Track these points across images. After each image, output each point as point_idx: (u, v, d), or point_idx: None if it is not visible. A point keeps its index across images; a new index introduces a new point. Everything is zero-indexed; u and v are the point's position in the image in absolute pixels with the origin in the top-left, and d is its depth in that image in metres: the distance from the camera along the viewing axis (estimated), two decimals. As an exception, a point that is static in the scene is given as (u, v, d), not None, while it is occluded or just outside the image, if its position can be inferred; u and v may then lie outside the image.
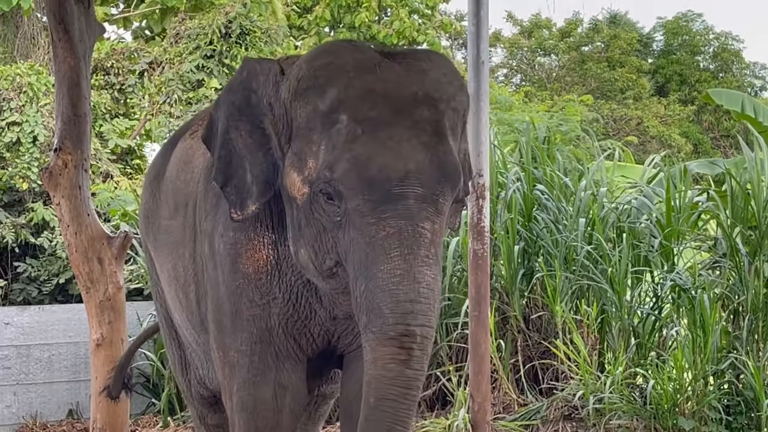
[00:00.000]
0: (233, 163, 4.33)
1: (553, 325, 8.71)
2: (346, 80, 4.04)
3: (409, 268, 3.88)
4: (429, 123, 4.03)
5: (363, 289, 3.93)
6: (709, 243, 9.37)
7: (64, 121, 6.50)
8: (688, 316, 8.47)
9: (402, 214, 3.91)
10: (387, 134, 3.96)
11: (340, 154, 3.96)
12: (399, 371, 3.87)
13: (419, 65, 4.16)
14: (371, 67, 4.08)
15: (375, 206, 3.91)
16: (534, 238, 9.15)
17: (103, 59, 14.38)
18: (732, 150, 27.70)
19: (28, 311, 10.63)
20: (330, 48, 4.30)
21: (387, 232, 3.90)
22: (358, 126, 3.97)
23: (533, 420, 8.40)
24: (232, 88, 4.37)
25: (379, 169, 3.91)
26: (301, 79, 4.13)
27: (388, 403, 3.89)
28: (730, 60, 34.38)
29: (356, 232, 3.95)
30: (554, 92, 30.32)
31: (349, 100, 4.01)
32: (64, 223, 6.57)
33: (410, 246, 3.89)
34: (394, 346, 3.86)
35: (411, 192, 3.92)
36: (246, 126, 4.30)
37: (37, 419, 10.33)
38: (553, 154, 9.84)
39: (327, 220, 4.04)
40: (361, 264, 3.94)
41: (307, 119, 4.10)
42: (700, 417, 7.98)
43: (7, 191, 12.42)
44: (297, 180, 4.12)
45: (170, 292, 5.37)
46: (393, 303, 3.86)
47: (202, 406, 5.72)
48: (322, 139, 4.03)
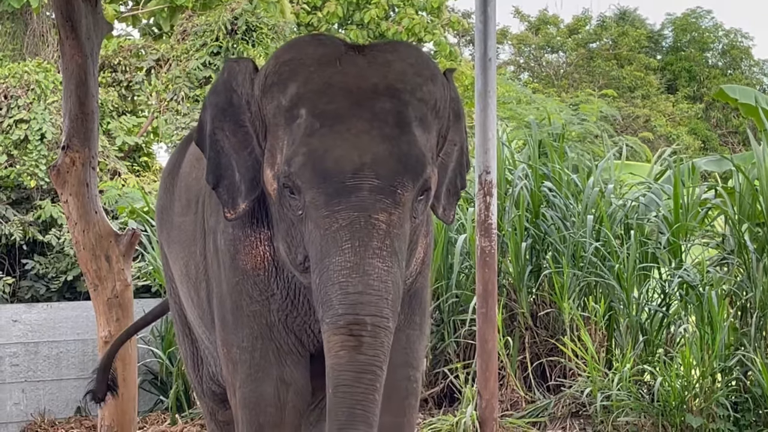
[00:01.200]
0: (222, 164, 4.33)
1: (560, 322, 8.71)
2: (306, 75, 4.04)
3: (359, 261, 3.85)
4: (390, 114, 3.98)
5: (318, 282, 3.92)
6: (717, 240, 9.37)
7: (72, 119, 6.50)
8: (696, 312, 8.46)
9: (355, 206, 3.87)
10: (345, 127, 3.93)
11: (297, 148, 3.95)
12: (350, 357, 3.85)
13: (384, 57, 4.13)
14: (332, 60, 4.06)
15: (329, 199, 3.88)
16: (542, 234, 9.15)
17: (110, 56, 14.40)
18: (740, 147, 27.64)
19: (36, 308, 10.64)
20: (294, 43, 4.30)
21: (339, 224, 3.87)
22: (316, 120, 3.94)
23: (541, 417, 8.40)
24: (216, 90, 4.37)
25: (335, 161, 3.88)
26: (268, 75, 4.14)
27: (342, 389, 3.87)
28: (739, 57, 34.28)
29: (312, 225, 3.94)
30: (562, 89, 30.29)
31: (307, 94, 4.00)
32: (72, 221, 6.58)
33: (361, 238, 3.86)
34: (344, 334, 3.84)
35: (366, 184, 3.88)
36: (230, 126, 4.30)
37: (45, 416, 10.34)
38: (563, 151, 9.82)
39: (292, 215, 4.04)
40: (316, 256, 3.93)
41: (273, 115, 4.10)
42: (708, 414, 7.98)
43: (15, 189, 12.44)
44: (269, 175, 4.14)
45: (183, 289, 5.38)
46: (342, 295, 3.84)
47: (213, 403, 5.72)
48: (285, 135, 4.03)
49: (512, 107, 13.17)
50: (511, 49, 35.06)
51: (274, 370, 4.58)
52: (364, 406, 3.91)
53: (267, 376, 4.58)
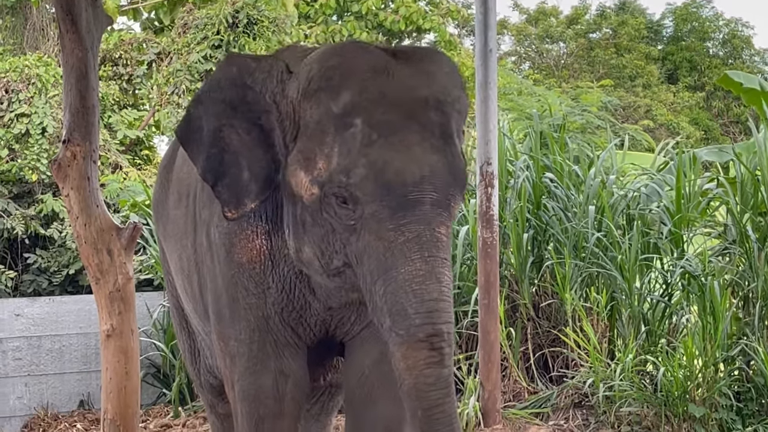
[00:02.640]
0: (225, 162, 4.29)
1: (562, 313, 8.71)
2: (360, 83, 4.02)
3: (431, 269, 3.89)
4: (437, 126, 4.03)
5: (383, 292, 3.92)
6: (719, 229, 9.37)
7: (73, 113, 6.49)
8: (698, 302, 8.46)
9: (420, 219, 3.91)
10: (399, 138, 3.95)
11: (355, 159, 3.94)
12: (437, 374, 3.87)
13: (427, 68, 4.15)
14: (383, 69, 4.06)
15: (393, 212, 3.91)
16: (543, 225, 9.14)
17: (111, 50, 14.38)
18: (742, 136, 27.64)
19: (39, 302, 10.64)
20: (340, 49, 4.28)
21: (406, 237, 3.90)
22: (373, 130, 3.95)
23: (543, 408, 8.40)
24: (221, 85, 4.31)
25: (395, 174, 3.91)
26: (312, 79, 4.10)
27: (438, 410, 3.89)
28: (739, 46, 34.30)
29: (372, 237, 3.95)
30: (562, 79, 30.28)
31: (363, 103, 3.99)
32: (73, 215, 6.56)
33: (430, 249, 3.91)
34: (426, 349, 3.85)
35: (427, 197, 3.93)
36: (242, 124, 4.26)
37: (49, 410, 10.34)
38: (564, 142, 9.82)
39: (338, 223, 4.03)
40: (379, 268, 3.93)
41: (318, 120, 4.06)
42: (711, 404, 7.98)
43: (17, 183, 12.43)
44: (304, 179, 4.10)
45: (178, 281, 5.39)
46: (418, 302, 3.86)
47: (211, 395, 5.73)
48: (335, 142, 4.00)
49: (513, 98, 13.14)
50: (511, 39, 35.06)
51: (272, 362, 4.60)
52: (455, 419, 3.95)
53: (265, 368, 4.60)
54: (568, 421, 8.29)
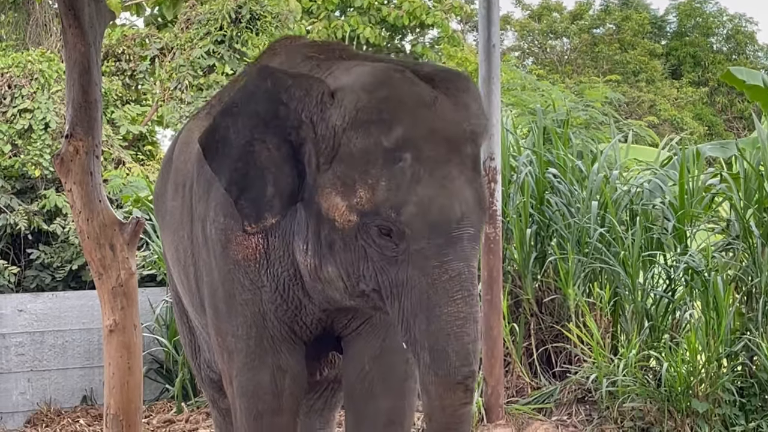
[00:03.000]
0: (251, 176, 4.24)
1: (566, 309, 8.70)
2: (411, 118, 4.05)
3: (470, 310, 4.01)
4: (471, 159, 4.13)
5: (424, 329, 4.00)
6: (722, 225, 9.35)
7: (75, 108, 6.48)
8: (702, 298, 8.45)
9: (460, 257, 4.02)
10: (442, 173, 4.02)
11: (405, 196, 3.98)
12: (467, 413, 4.05)
13: (463, 99, 4.20)
14: (430, 103, 4.10)
15: (439, 250, 3.99)
16: (546, 221, 9.13)
17: (114, 45, 14.39)
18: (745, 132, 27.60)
19: (42, 298, 10.65)
20: (387, 78, 4.20)
21: (449, 275, 3.99)
22: (421, 166, 4.00)
23: (546, 403, 8.40)
24: (255, 98, 4.25)
25: (440, 211, 3.98)
26: (361, 109, 4.08)
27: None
28: (743, 42, 34.24)
29: (416, 272, 4.00)
30: (566, 75, 30.26)
31: (413, 139, 4.02)
32: (76, 210, 6.56)
33: (467, 288, 4.02)
34: (461, 391, 3.99)
35: (465, 234, 4.02)
36: (273, 140, 4.21)
37: (51, 405, 10.36)
38: (567, 137, 9.81)
39: (376, 252, 4.06)
40: (422, 304, 4.00)
41: (364, 150, 4.05)
42: (714, 399, 7.98)
43: (20, 178, 12.44)
44: (341, 205, 4.08)
45: (175, 274, 5.39)
46: (459, 346, 3.98)
47: (212, 390, 5.73)
48: (381, 175, 4.01)
49: (516, 94, 13.13)
50: (514, 35, 35.03)
51: (269, 358, 4.60)
52: None
53: (263, 363, 4.61)
54: (571, 417, 8.29)
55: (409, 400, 4.81)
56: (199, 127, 5.02)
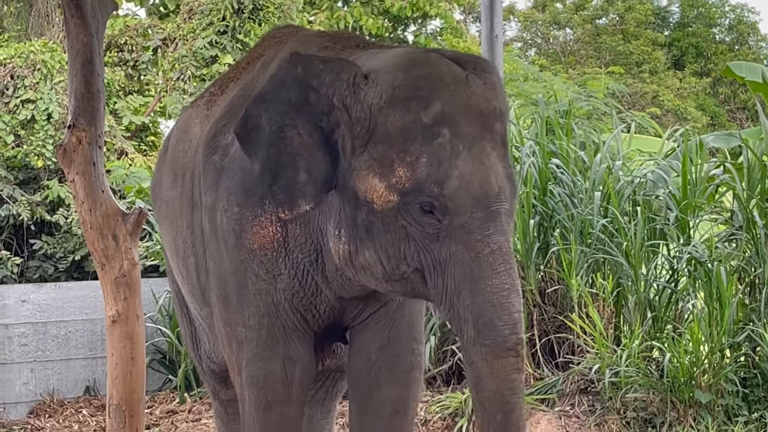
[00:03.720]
0: (282, 162, 4.24)
1: (568, 299, 8.69)
2: (448, 94, 4.09)
3: (513, 282, 4.03)
4: (500, 135, 4.18)
5: (469, 303, 4.01)
6: (726, 215, 9.34)
7: (78, 98, 6.48)
8: (705, 288, 8.45)
9: (500, 231, 4.05)
10: (479, 149, 4.07)
11: (448, 170, 4.02)
12: (518, 379, 4.03)
13: (491, 78, 4.25)
14: (464, 81, 4.15)
15: (481, 224, 4.02)
16: (549, 212, 9.13)
17: (116, 36, 14.38)
18: (748, 122, 27.61)
19: (45, 288, 10.65)
20: (424, 59, 4.25)
21: (491, 248, 4.02)
22: (459, 142, 4.04)
23: (549, 394, 8.40)
24: (285, 84, 4.25)
25: (480, 186, 4.03)
26: (398, 87, 4.10)
27: (516, 415, 4.06)
28: (746, 32, 34.25)
29: (460, 247, 4.03)
30: (569, 65, 30.25)
31: (452, 114, 4.06)
32: (79, 200, 6.56)
33: (509, 261, 4.05)
34: (512, 356, 4.00)
35: (503, 208, 4.07)
36: (305, 125, 4.22)
37: (54, 396, 10.37)
38: (570, 128, 9.80)
39: (417, 231, 4.08)
40: (466, 278, 4.03)
41: (402, 128, 4.07)
42: (717, 390, 7.97)
43: (23, 169, 12.44)
44: (379, 186, 4.09)
45: (174, 264, 5.38)
46: (506, 315, 3.99)
47: (214, 381, 5.72)
48: (421, 152, 4.04)
49: (519, 85, 13.14)
50: (517, 25, 35.02)
51: (281, 348, 4.59)
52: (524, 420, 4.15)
53: (274, 353, 4.59)
54: (573, 407, 8.29)
55: (414, 390, 4.82)
56: (198, 116, 5.02)
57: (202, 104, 5.21)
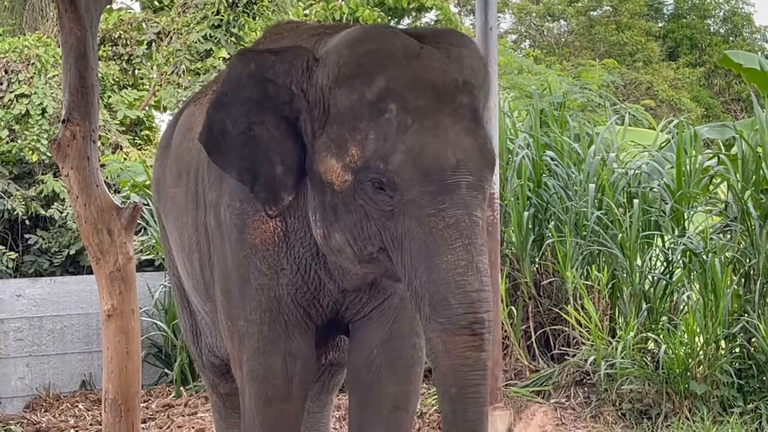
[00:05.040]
0: (258, 160, 4.26)
1: (564, 291, 8.71)
2: (394, 68, 4.02)
3: (471, 259, 3.89)
4: (468, 109, 4.05)
5: (425, 280, 3.92)
6: (720, 207, 9.36)
7: (72, 93, 6.46)
8: (700, 280, 8.46)
9: (458, 204, 3.92)
10: (434, 123, 3.96)
11: (393, 145, 3.94)
12: (476, 357, 3.89)
13: (456, 51, 4.14)
14: (414, 54, 4.06)
15: (433, 197, 3.91)
16: (544, 204, 9.14)
17: (110, 30, 14.35)
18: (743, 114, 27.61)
19: (40, 283, 10.64)
20: (372, 34, 4.22)
21: (446, 222, 3.90)
22: (408, 115, 3.95)
23: (545, 386, 8.41)
24: (242, 84, 4.26)
25: (432, 159, 3.91)
26: (343, 65, 4.07)
27: (471, 389, 3.92)
28: (740, 24, 34.24)
29: (414, 223, 3.94)
30: (563, 57, 30.24)
31: (397, 89, 3.98)
32: (73, 195, 6.54)
33: (469, 236, 3.91)
34: (467, 335, 3.87)
35: (464, 181, 3.93)
36: (271, 119, 4.23)
37: (50, 390, 10.36)
38: (564, 120, 9.80)
39: (374, 209, 4.02)
40: (421, 255, 3.93)
41: (350, 106, 4.04)
42: (712, 381, 7.99)
43: (17, 163, 12.42)
44: (336, 166, 4.07)
45: (178, 260, 5.38)
46: (461, 294, 3.86)
47: (213, 375, 5.73)
48: (369, 128, 3.99)
49: (513, 77, 13.14)
50: (512, 18, 35.01)
51: (282, 344, 4.59)
52: (487, 403, 4.00)
53: (275, 349, 4.59)
54: (569, 399, 8.31)
55: (415, 385, 4.80)
56: (202, 113, 5.02)
57: (204, 102, 5.21)
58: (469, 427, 3.92)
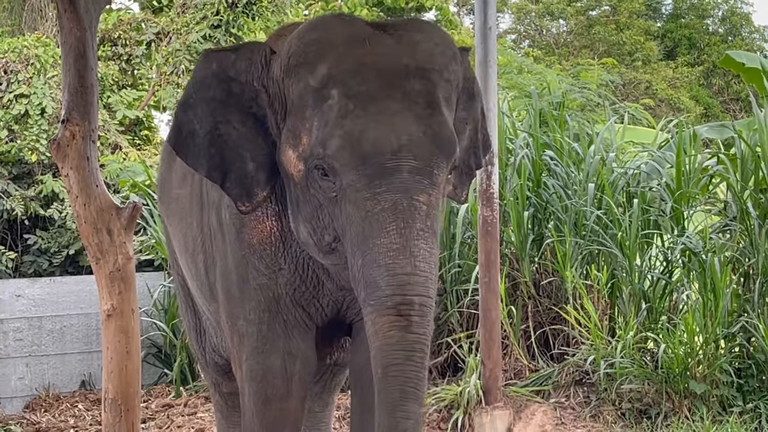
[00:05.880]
0: (227, 158, 4.28)
1: (563, 291, 8.71)
2: (336, 55, 4.01)
3: (405, 243, 3.84)
4: (421, 95, 3.99)
5: (360, 264, 3.90)
6: (720, 206, 9.36)
7: (71, 93, 6.46)
8: (699, 279, 8.46)
9: (396, 188, 3.88)
10: (378, 108, 3.92)
11: (332, 130, 3.93)
12: (400, 336, 3.82)
13: (411, 36, 4.11)
14: (361, 40, 4.04)
15: (369, 181, 3.88)
16: (543, 203, 9.14)
17: (110, 30, 14.35)
18: (742, 114, 27.60)
19: (39, 283, 10.65)
20: (319, 23, 4.25)
21: (382, 206, 3.87)
22: (349, 101, 3.93)
23: (544, 385, 8.41)
24: (206, 84, 4.30)
25: (372, 143, 3.88)
26: (292, 55, 4.10)
27: (394, 368, 3.84)
28: (739, 24, 34.22)
29: (352, 207, 3.92)
30: (562, 57, 30.24)
31: (339, 75, 3.97)
32: (73, 195, 6.54)
33: (406, 219, 3.86)
34: (392, 315, 3.82)
35: (405, 165, 3.88)
36: (237, 116, 4.25)
37: (50, 390, 10.37)
38: (563, 119, 9.80)
39: (323, 196, 4.02)
40: (358, 238, 3.91)
41: (299, 96, 4.06)
42: (712, 380, 7.99)
43: (17, 163, 12.42)
44: (292, 156, 4.10)
45: (182, 261, 5.39)
46: (389, 276, 3.83)
47: (216, 374, 5.74)
48: (314, 116, 4.00)
49: (513, 77, 13.13)
50: (511, 17, 35.01)
51: (281, 343, 4.59)
52: (415, 384, 3.87)
53: (274, 348, 4.59)
54: (569, 399, 8.30)
55: None
56: None
57: None
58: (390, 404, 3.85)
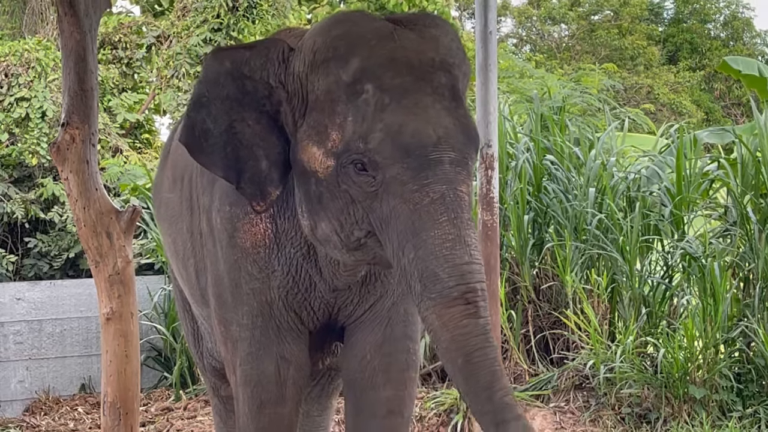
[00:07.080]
0: (242, 157, 4.25)
1: (563, 295, 8.71)
2: (368, 49, 4.00)
3: (458, 233, 3.85)
4: (447, 88, 4.02)
5: (413, 257, 3.87)
6: (720, 211, 9.36)
7: (71, 96, 6.47)
8: (699, 284, 8.46)
9: (442, 179, 3.88)
10: (413, 101, 3.93)
11: (372, 124, 3.92)
12: (474, 323, 3.79)
13: (430, 32, 4.13)
14: (389, 35, 4.04)
15: (415, 173, 3.88)
16: (544, 208, 9.14)
17: (110, 33, 14.38)
18: (743, 118, 27.60)
19: (39, 286, 10.66)
20: (344, 18, 4.22)
21: (431, 197, 3.86)
22: (385, 95, 3.93)
23: (544, 390, 8.41)
24: (219, 82, 4.26)
25: (412, 135, 3.88)
26: (317, 50, 4.07)
27: (478, 354, 3.80)
28: (740, 28, 34.21)
29: (397, 201, 3.91)
30: (564, 61, 30.24)
31: (373, 68, 3.97)
32: (73, 198, 6.55)
33: (455, 210, 3.87)
34: (461, 304, 3.79)
35: (446, 157, 3.90)
36: (251, 114, 4.22)
37: (50, 393, 10.38)
38: (564, 124, 9.80)
39: (358, 191, 3.99)
40: (408, 232, 3.89)
41: (326, 91, 4.04)
42: (711, 385, 7.99)
43: (17, 167, 12.44)
44: (318, 153, 4.06)
45: (174, 265, 5.39)
46: (450, 267, 3.81)
47: (214, 378, 5.73)
48: (348, 111, 3.98)
49: (514, 81, 13.14)
50: (512, 22, 35.01)
51: (274, 347, 4.58)
52: (499, 363, 3.86)
53: (267, 353, 4.58)
54: (568, 403, 8.30)
55: (410, 390, 4.77)
56: None
57: None
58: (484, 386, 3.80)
